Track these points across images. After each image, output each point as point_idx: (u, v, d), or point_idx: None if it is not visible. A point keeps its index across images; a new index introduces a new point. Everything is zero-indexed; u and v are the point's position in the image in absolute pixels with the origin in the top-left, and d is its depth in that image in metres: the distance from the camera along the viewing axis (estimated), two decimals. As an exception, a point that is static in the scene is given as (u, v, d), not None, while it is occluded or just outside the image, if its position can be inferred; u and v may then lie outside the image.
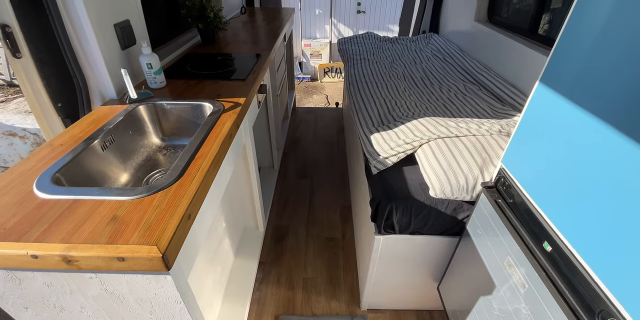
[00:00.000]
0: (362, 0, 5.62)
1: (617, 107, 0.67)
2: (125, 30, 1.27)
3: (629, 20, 0.66)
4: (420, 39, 3.06)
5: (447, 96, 1.92)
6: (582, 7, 0.78)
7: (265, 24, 2.49)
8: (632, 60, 0.65)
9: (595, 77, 0.74)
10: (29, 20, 1.04)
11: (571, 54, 0.81)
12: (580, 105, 0.77)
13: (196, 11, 1.78)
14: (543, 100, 0.89)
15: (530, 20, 1.95)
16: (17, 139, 3.37)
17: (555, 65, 0.86)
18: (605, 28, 0.72)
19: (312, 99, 5.34)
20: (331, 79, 6.01)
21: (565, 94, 0.81)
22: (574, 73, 0.79)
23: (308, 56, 5.99)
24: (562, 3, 1.84)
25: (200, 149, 0.96)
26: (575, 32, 0.80)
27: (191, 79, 1.45)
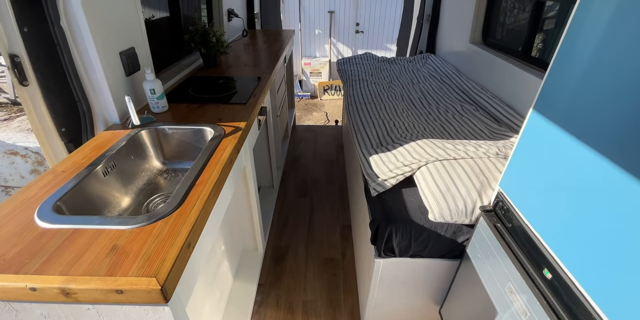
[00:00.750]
0: (360, 20, 5.79)
1: (610, 137, 0.69)
2: (130, 57, 1.31)
3: (619, 53, 0.69)
4: (418, 59, 3.13)
5: (445, 117, 1.95)
6: (573, 35, 0.81)
7: (266, 47, 2.56)
8: (624, 92, 0.67)
9: (587, 106, 0.76)
10: (38, 50, 1.07)
11: (563, 83, 0.83)
12: (573, 134, 0.78)
13: (199, 36, 1.84)
14: (537, 127, 0.91)
15: (524, 43, 2.00)
16: (19, 157, 3.39)
17: (548, 93, 0.88)
18: (596, 59, 0.75)
19: (312, 116, 5.41)
20: (331, 96, 6.10)
21: (558, 122, 0.83)
22: (566, 102, 0.82)
23: (308, 74, 6.10)
24: (554, 24, 1.89)
25: (200, 175, 0.97)
26: (567, 62, 0.83)
27: (193, 102, 1.48)
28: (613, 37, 0.70)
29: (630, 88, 0.65)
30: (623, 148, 0.66)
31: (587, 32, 0.77)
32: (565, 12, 1.77)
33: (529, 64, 1.90)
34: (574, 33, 0.81)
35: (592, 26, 0.76)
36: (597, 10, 0.75)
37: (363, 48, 6.01)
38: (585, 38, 0.77)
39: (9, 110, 5.85)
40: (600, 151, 0.71)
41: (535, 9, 1.90)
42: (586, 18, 0.78)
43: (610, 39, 0.71)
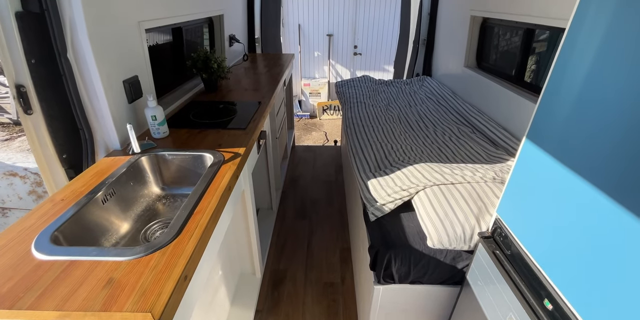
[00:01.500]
0: (358, 43, 5.95)
1: (602, 169, 0.70)
2: (133, 85, 1.34)
3: (606, 89, 0.71)
4: (414, 81, 3.20)
5: (442, 139, 1.98)
6: (561, 69, 0.84)
7: (266, 71, 2.63)
8: (613, 126, 0.69)
9: (577, 138, 0.77)
10: (44, 80, 1.10)
11: (553, 115, 0.86)
12: (565, 164, 0.80)
13: (201, 62, 1.89)
14: (531, 156, 0.93)
15: (516, 68, 2.06)
16: (18, 178, 3.39)
17: (539, 124, 0.91)
18: (585, 93, 0.77)
19: (311, 135, 5.45)
20: (330, 116, 6.18)
21: (551, 152, 0.85)
22: (557, 133, 0.84)
23: (307, 95, 6.21)
24: (545, 49, 1.95)
25: (199, 203, 0.97)
26: (556, 95, 0.85)
27: (193, 128, 1.50)
28: (600, 72, 0.73)
29: (619, 122, 0.67)
30: (616, 180, 0.67)
31: (575, 66, 0.80)
32: (555, 39, 1.83)
33: (523, 89, 1.95)
34: (561, 67, 0.84)
35: (579, 60, 0.79)
36: (584, 44, 0.78)
37: (361, 69, 6.15)
38: (573, 73, 0.80)
39: (10, 130, 5.90)
40: (593, 183, 0.72)
41: (526, 36, 1.96)
42: (573, 53, 0.81)
43: (598, 73, 0.73)
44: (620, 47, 0.68)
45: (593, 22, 0.75)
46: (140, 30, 1.40)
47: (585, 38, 0.77)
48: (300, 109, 6.29)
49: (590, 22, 0.76)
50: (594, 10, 0.76)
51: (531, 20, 1.68)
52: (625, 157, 0.65)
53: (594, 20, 0.75)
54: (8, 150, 5.28)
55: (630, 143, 0.64)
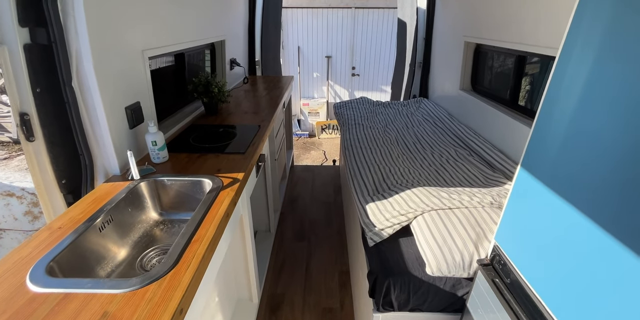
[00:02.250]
0: (356, 64, 6.10)
1: (594, 200, 0.71)
2: (135, 111, 1.37)
3: (597, 121, 0.74)
4: (411, 103, 3.26)
5: (439, 162, 2.00)
6: (551, 102, 0.87)
7: (266, 93, 2.68)
8: (603, 158, 0.70)
9: (569, 169, 0.79)
10: (48, 108, 1.13)
11: (546, 145, 0.87)
12: (559, 194, 0.81)
13: (202, 87, 1.94)
14: (526, 184, 0.94)
15: (510, 93, 2.11)
16: (14, 199, 3.37)
17: (533, 153, 0.92)
18: (574, 126, 0.79)
19: (310, 155, 5.48)
20: (328, 135, 6.23)
21: (545, 181, 0.86)
22: (550, 164, 0.85)
23: (306, 114, 6.29)
24: (539, 70, 1.99)
25: (197, 231, 0.97)
26: (547, 126, 0.87)
27: (193, 152, 1.52)
28: (590, 103, 0.75)
29: (610, 153, 0.69)
30: (609, 211, 0.68)
31: (565, 97, 0.82)
32: (547, 64, 1.88)
33: (517, 112, 1.99)
34: (552, 97, 0.86)
35: (569, 91, 0.81)
36: (573, 74, 0.80)
37: (359, 90, 6.27)
38: (564, 104, 0.82)
39: (9, 149, 5.92)
40: (587, 213, 0.73)
41: (518, 62, 2.02)
42: (563, 83, 0.83)
43: (588, 104, 0.76)
44: (609, 77, 0.70)
45: (581, 53, 0.78)
46: (144, 58, 1.44)
47: (574, 68, 0.80)
48: (299, 128, 6.36)
49: (578, 53, 0.79)
50: (582, 41, 0.78)
51: (522, 48, 1.74)
52: (617, 188, 0.66)
53: (582, 50, 0.78)
54: (6, 168, 5.27)
55: (621, 173, 0.65)
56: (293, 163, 3.78)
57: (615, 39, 0.69)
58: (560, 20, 1.43)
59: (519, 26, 1.73)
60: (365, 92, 6.27)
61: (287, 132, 3.37)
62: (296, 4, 5.62)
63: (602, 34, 0.73)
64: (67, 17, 1.04)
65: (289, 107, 3.41)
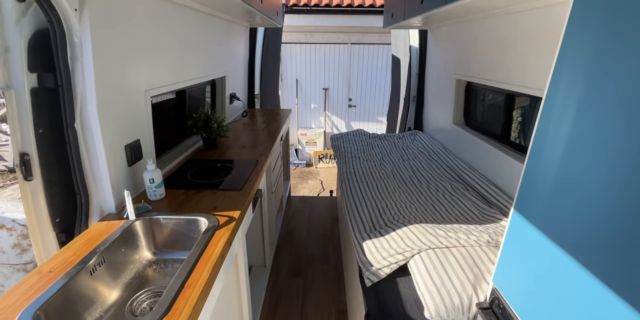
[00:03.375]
0: (352, 96, 6.29)
1: (587, 245, 0.72)
2: (135, 149, 1.39)
3: (584, 169, 0.76)
4: (407, 135, 3.32)
5: (435, 196, 2.01)
6: (541, 143, 0.90)
7: (264, 127, 2.73)
8: (591, 205, 0.72)
9: (560, 215, 0.80)
10: (48, 148, 1.15)
11: (537, 191, 0.89)
12: (552, 238, 0.81)
13: (201, 122, 1.98)
14: (520, 228, 0.95)
15: (502, 128, 2.17)
16: (4, 231, 3.30)
17: (526, 196, 0.94)
18: (562, 173, 0.82)
19: (307, 184, 5.48)
20: (325, 164, 6.27)
21: (537, 225, 0.87)
22: (542, 208, 0.86)
23: (304, 144, 6.37)
24: (529, 105, 2.05)
25: (190, 275, 0.95)
26: (536, 175, 0.90)
27: (190, 188, 1.52)
28: (575, 150, 0.78)
29: (597, 201, 0.70)
30: (600, 257, 0.68)
31: (552, 142, 0.85)
32: (536, 102, 1.95)
33: (510, 148, 2.03)
34: (540, 143, 0.89)
35: (555, 136, 0.84)
36: (559, 121, 0.83)
37: (355, 120, 6.41)
38: (551, 149, 0.85)
39: (4, 178, 5.88)
40: (579, 259, 0.73)
41: (508, 100, 2.10)
42: (549, 128, 0.87)
43: (573, 152, 0.78)
44: (592, 121, 0.73)
45: (565, 98, 0.82)
46: (146, 97, 1.49)
47: (559, 113, 0.83)
48: (297, 157, 6.40)
49: (562, 98, 0.83)
50: (565, 85, 0.82)
51: (511, 88, 1.81)
52: (607, 235, 0.67)
53: (565, 95, 0.82)
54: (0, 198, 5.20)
55: (610, 220, 0.66)
56: (290, 194, 3.77)
57: (598, 83, 0.73)
58: (546, 64, 1.51)
59: (507, 68, 1.82)
60: (361, 122, 6.41)
61: (285, 163, 3.40)
62: (295, 40, 5.89)
63: (585, 77, 0.76)
64: (75, 63, 1.08)
65: (287, 139, 3.47)
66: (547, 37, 1.46)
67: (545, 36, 1.46)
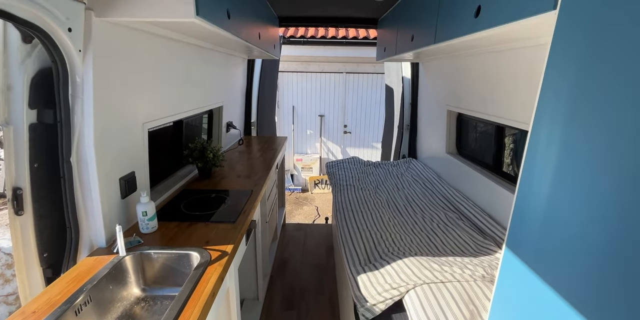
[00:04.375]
0: (348, 123, 6.40)
1: (575, 286, 0.72)
2: (129, 182, 1.39)
3: (571, 208, 0.77)
4: (401, 163, 3.36)
5: (430, 226, 2.00)
6: (528, 183, 0.92)
7: (260, 155, 2.76)
8: (578, 246, 0.72)
9: (549, 253, 0.80)
10: (42, 183, 1.15)
11: (527, 224, 0.90)
12: (543, 278, 0.81)
13: (197, 152, 2.00)
14: (512, 266, 0.94)
15: (494, 159, 2.21)
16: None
17: (516, 234, 0.95)
18: (550, 210, 0.83)
19: (303, 210, 5.43)
20: (321, 190, 6.26)
21: (529, 264, 0.87)
22: (532, 247, 0.87)
23: (300, 169, 6.39)
24: (519, 136, 2.10)
25: (180, 315, 0.93)
26: (525, 213, 0.91)
27: (183, 220, 1.51)
28: (563, 188, 0.80)
29: (583, 243, 0.71)
30: (589, 299, 0.68)
31: (538, 183, 0.87)
32: (526, 133, 2.00)
33: (502, 178, 2.06)
34: (527, 183, 0.92)
35: (541, 177, 0.86)
36: (544, 156, 0.86)
37: (351, 146, 6.48)
38: (538, 192, 0.87)
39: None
40: (569, 300, 0.73)
41: (498, 131, 2.16)
42: (535, 168, 0.89)
43: (560, 190, 0.80)
44: (576, 159, 0.75)
45: (549, 136, 0.84)
46: (144, 129, 1.51)
47: (544, 151, 0.85)
48: (293, 182, 6.39)
49: (546, 134, 0.85)
50: (548, 123, 0.85)
51: (499, 120, 1.87)
52: (596, 274, 0.67)
53: (549, 133, 0.84)
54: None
55: (596, 260, 0.67)
56: (285, 221, 3.73)
57: (577, 121, 0.76)
58: (530, 99, 1.57)
59: (494, 102, 1.89)
60: (356, 148, 6.48)
61: (280, 190, 3.39)
62: (292, 69, 6.07)
63: (564, 119, 0.79)
64: (75, 100, 1.11)
65: (282, 165, 3.48)
66: (529, 75, 1.53)
67: (528, 74, 1.54)
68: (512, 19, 0.97)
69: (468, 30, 1.25)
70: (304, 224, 4.07)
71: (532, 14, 0.88)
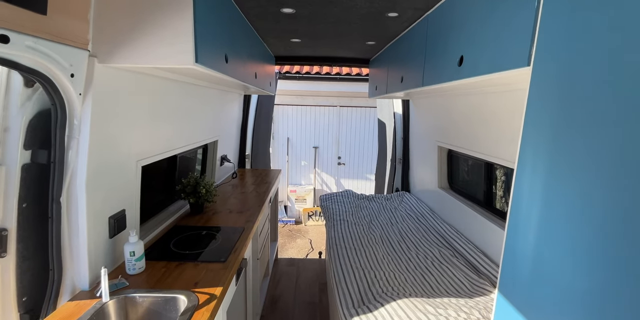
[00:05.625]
0: (342, 154, 6.47)
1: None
2: (119, 220, 1.37)
3: (557, 260, 0.78)
4: (394, 197, 3.36)
5: (425, 264, 1.97)
6: (515, 227, 0.93)
7: (253, 188, 2.75)
8: (566, 298, 0.72)
9: (540, 297, 0.80)
10: (29, 223, 1.13)
11: (517, 273, 0.90)
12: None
13: (190, 188, 1.99)
14: (505, 313, 0.93)
15: (484, 196, 2.23)
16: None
17: (507, 277, 0.94)
18: (538, 263, 0.83)
19: (296, 243, 5.32)
20: (315, 222, 6.17)
21: (521, 310, 0.86)
22: (524, 290, 0.86)
23: (293, 201, 6.34)
24: (510, 172, 2.13)
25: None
26: (514, 261, 0.92)
27: (172, 260, 1.47)
28: (548, 237, 0.81)
29: (571, 291, 0.71)
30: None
31: (526, 226, 0.89)
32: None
33: (493, 215, 2.07)
34: (514, 228, 0.93)
35: (528, 217, 0.87)
36: (529, 199, 0.88)
37: (345, 177, 6.50)
38: (525, 239, 0.88)
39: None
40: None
41: (488, 168, 2.20)
42: (521, 211, 0.91)
43: (546, 239, 0.81)
44: (557, 213, 0.77)
45: (532, 176, 0.87)
46: (137, 167, 1.52)
47: (529, 194, 0.88)
48: (286, 214, 6.32)
49: (529, 175, 0.88)
50: (531, 159, 0.88)
51: (487, 158, 1.92)
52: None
53: (532, 172, 0.87)
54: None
55: (584, 309, 0.66)
56: (277, 256, 3.63)
57: (556, 169, 0.79)
58: (515, 138, 1.62)
59: (481, 139, 1.95)
60: (350, 180, 6.49)
61: (272, 224, 3.35)
62: (287, 102, 6.24)
63: (545, 160, 0.82)
64: (71, 141, 1.13)
65: (276, 198, 3.46)
66: (513, 115, 1.60)
67: (512, 114, 1.61)
68: (491, 70, 1.03)
69: (452, 77, 1.33)
70: (297, 258, 3.97)
71: (509, 68, 0.94)
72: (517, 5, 0.94)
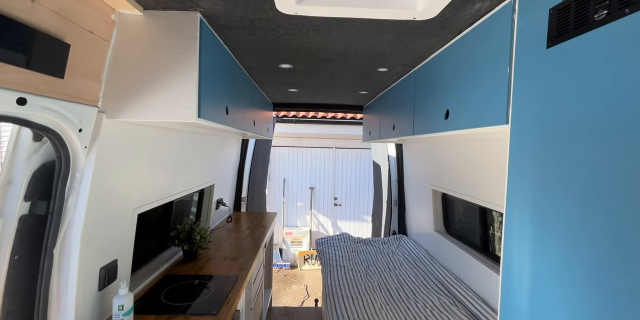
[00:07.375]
0: (338, 195, 6.46)
1: None
2: (110, 271, 1.35)
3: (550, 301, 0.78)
4: (392, 240, 3.32)
5: (424, 313, 1.90)
6: (509, 267, 0.93)
7: (248, 233, 2.72)
8: None
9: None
10: (18, 276, 1.11)
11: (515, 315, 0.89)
12: None
13: (184, 234, 1.97)
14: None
15: (480, 240, 2.22)
16: None
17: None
18: (533, 306, 0.83)
19: (291, 289, 5.09)
20: (311, 266, 5.97)
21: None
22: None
23: (289, 243, 6.19)
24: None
25: None
26: (511, 305, 0.91)
27: (162, 313, 1.42)
28: (540, 286, 0.81)
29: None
30: None
31: (519, 266, 0.89)
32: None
33: (490, 259, 2.04)
34: (508, 267, 0.93)
35: (520, 261, 0.88)
36: (519, 244, 0.89)
37: (341, 219, 6.43)
38: (520, 291, 0.88)
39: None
40: None
41: (482, 212, 2.22)
42: (512, 257, 0.91)
43: (539, 288, 0.82)
44: (546, 262, 0.78)
45: (519, 223, 0.89)
46: (133, 215, 1.52)
47: (519, 238, 0.89)
48: (281, 258, 6.12)
49: (517, 223, 0.90)
50: (518, 206, 0.90)
51: (479, 202, 1.95)
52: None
53: (519, 219, 0.89)
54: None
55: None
56: (271, 305, 3.46)
57: (540, 217, 0.81)
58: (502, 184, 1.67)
59: (473, 184, 1.99)
60: (347, 221, 6.41)
61: (267, 270, 3.25)
62: (284, 144, 6.38)
63: (530, 209, 0.85)
64: (71, 192, 1.15)
65: (271, 241, 3.40)
66: (500, 162, 1.66)
67: (498, 161, 1.67)
68: (474, 125, 1.11)
69: (440, 128, 1.41)
70: (292, 307, 3.78)
71: (490, 125, 1.02)
72: (492, 67, 1.05)
